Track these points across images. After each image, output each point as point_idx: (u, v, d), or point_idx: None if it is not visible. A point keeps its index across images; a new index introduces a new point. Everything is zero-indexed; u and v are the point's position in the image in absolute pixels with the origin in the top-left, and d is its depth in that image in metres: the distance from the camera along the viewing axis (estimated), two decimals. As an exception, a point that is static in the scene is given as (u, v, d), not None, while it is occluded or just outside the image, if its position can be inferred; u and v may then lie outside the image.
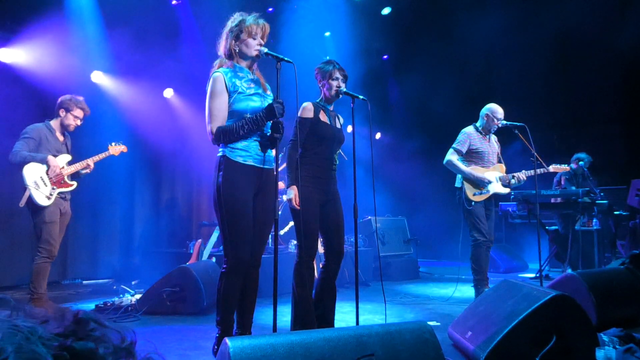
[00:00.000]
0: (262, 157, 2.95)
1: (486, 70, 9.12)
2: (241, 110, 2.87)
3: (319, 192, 3.46)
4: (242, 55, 3.00)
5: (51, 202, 4.38)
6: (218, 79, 2.88)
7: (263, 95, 3.01)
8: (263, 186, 2.96)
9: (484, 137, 5.21)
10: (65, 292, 5.88)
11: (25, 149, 4.38)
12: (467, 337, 3.13)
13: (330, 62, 3.60)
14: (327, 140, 3.50)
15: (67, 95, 4.64)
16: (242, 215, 2.82)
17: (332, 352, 1.94)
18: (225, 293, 2.87)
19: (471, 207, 5.03)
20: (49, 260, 4.41)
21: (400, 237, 7.41)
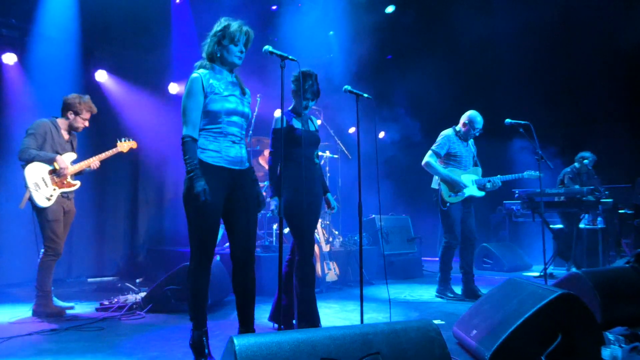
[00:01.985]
0: (233, 159, 2.97)
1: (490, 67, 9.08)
2: (216, 111, 2.91)
3: (305, 193, 3.60)
4: (223, 60, 3.03)
5: (51, 203, 4.37)
6: (195, 80, 2.91)
7: (239, 98, 3.03)
8: (238, 186, 2.98)
9: (463, 141, 5.34)
10: (70, 289, 5.90)
11: (33, 145, 4.36)
12: (472, 336, 3.12)
13: (310, 77, 3.71)
14: (304, 144, 3.65)
15: (74, 95, 4.61)
16: (208, 215, 2.84)
17: (337, 350, 1.94)
18: (194, 290, 2.93)
19: (446, 209, 5.22)
20: (54, 258, 4.42)
21: (404, 236, 7.40)
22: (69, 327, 3.91)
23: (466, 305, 4.84)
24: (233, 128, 2.96)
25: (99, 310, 4.58)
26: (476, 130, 5.28)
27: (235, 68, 3.09)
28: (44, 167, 4.40)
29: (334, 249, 6.21)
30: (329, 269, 5.77)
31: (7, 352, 3.23)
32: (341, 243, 6.61)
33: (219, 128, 2.92)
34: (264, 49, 3.14)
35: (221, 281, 4.90)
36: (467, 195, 5.26)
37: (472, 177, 5.33)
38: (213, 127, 2.92)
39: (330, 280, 5.76)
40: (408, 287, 6.16)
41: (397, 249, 7.15)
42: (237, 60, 3.02)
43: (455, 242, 5.25)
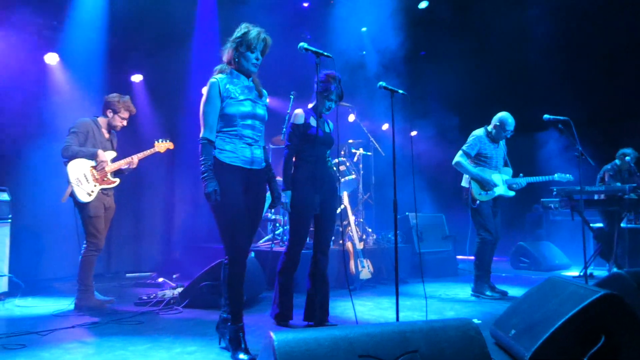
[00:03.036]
0: (249, 159, 3.12)
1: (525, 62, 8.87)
2: (231, 114, 3.07)
3: (318, 190, 3.74)
4: (240, 65, 3.17)
5: (92, 199, 4.50)
6: (212, 85, 3.09)
7: (255, 101, 3.19)
8: (250, 186, 3.14)
9: (493, 142, 5.36)
10: (110, 284, 6.06)
11: (75, 143, 4.51)
12: (510, 336, 3.07)
13: (334, 80, 3.80)
14: (318, 143, 3.76)
15: (115, 95, 4.75)
16: (236, 210, 3.01)
17: (375, 348, 1.93)
18: (231, 283, 3.07)
19: (476, 206, 5.24)
20: (95, 253, 4.55)
21: (438, 234, 7.32)
22: (110, 320, 4.02)
23: (503, 305, 4.77)
24: (248, 130, 3.13)
25: (138, 304, 4.69)
26: (507, 132, 5.29)
27: (251, 74, 3.21)
28: (86, 163, 4.53)
29: (368, 247, 6.20)
30: (363, 266, 5.76)
31: (52, 343, 3.34)
32: (375, 241, 6.59)
33: (235, 130, 3.09)
34: (299, 46, 3.18)
35: (255, 277, 4.96)
36: (497, 195, 5.28)
37: (503, 177, 5.37)
38: (229, 129, 3.09)
39: (364, 277, 5.75)
40: (443, 286, 6.10)
41: (431, 247, 7.08)
42: (252, 67, 3.17)
43: (491, 238, 5.23)
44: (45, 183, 5.68)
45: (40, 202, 5.86)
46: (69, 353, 3.12)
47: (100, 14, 6.34)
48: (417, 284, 6.16)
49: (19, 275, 4.97)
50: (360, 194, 6.71)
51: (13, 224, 5.10)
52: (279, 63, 7.27)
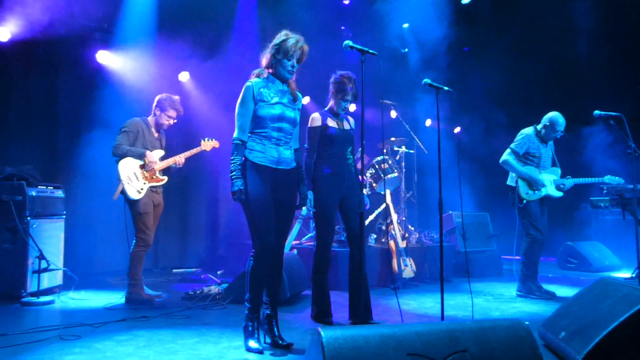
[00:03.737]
0: (275, 159, 3.25)
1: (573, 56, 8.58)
2: (262, 116, 3.22)
3: (338, 188, 3.89)
4: (276, 71, 3.31)
5: (142, 196, 4.63)
6: (247, 88, 3.25)
7: (286, 105, 3.32)
8: (279, 185, 3.27)
9: (542, 142, 5.27)
10: (157, 279, 6.23)
11: (125, 142, 4.65)
12: (560, 338, 3.00)
13: (349, 81, 3.91)
14: (337, 141, 3.92)
15: (164, 94, 4.88)
16: (262, 207, 3.15)
17: (424, 346, 1.93)
18: (253, 276, 3.21)
19: (523, 205, 5.16)
20: (144, 248, 4.68)
21: (482, 233, 7.19)
22: (159, 314, 4.14)
23: (550, 306, 4.66)
24: (278, 132, 3.27)
25: (185, 299, 4.81)
26: (557, 132, 5.18)
27: (286, 80, 3.35)
28: (135, 162, 4.66)
29: (410, 245, 6.15)
30: (406, 265, 5.72)
31: (104, 335, 3.47)
32: (417, 239, 6.53)
33: (265, 132, 3.24)
34: (344, 45, 3.21)
35: (299, 274, 5.01)
36: (545, 194, 5.18)
37: (551, 177, 5.26)
38: (260, 131, 3.24)
39: (407, 276, 5.72)
40: (487, 286, 5.99)
41: (475, 246, 6.97)
42: (288, 74, 3.30)
43: (541, 237, 5.12)
44: (97, 180, 5.88)
45: (92, 199, 6.08)
46: (121, 345, 3.23)
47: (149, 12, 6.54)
48: (460, 283, 6.08)
49: (73, 269, 5.15)
50: (403, 192, 6.66)
51: (67, 220, 5.31)
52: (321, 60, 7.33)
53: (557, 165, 5.36)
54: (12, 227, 4.64)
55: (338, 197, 3.90)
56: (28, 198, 4.74)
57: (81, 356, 2.98)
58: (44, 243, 4.79)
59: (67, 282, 5.13)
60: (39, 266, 4.61)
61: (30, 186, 4.84)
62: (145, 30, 6.50)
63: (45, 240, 4.87)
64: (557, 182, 5.23)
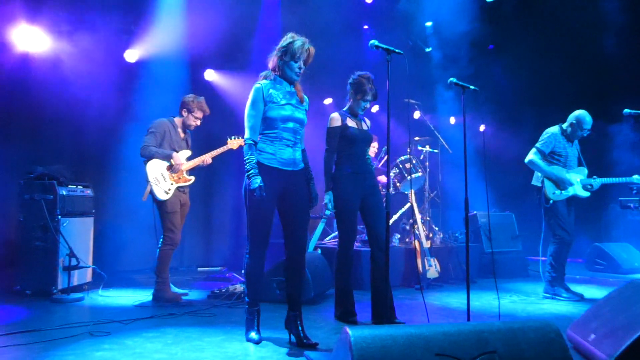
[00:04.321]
0: (287, 160, 3.31)
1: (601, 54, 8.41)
2: (273, 118, 3.28)
3: (359, 187, 3.90)
4: (283, 73, 3.36)
5: (169, 196, 4.69)
6: (257, 90, 3.30)
7: (295, 106, 3.37)
8: (290, 186, 3.34)
9: (568, 141, 5.19)
10: (183, 277, 6.32)
11: (153, 143, 4.72)
12: (590, 340, 2.95)
13: (368, 81, 3.92)
14: (357, 141, 3.93)
15: (190, 95, 4.94)
16: (262, 209, 3.24)
17: (451, 347, 1.92)
18: (248, 272, 3.36)
19: (549, 205, 5.07)
20: (172, 247, 4.75)
21: (507, 233, 7.11)
22: (186, 312, 4.21)
23: (578, 307, 4.59)
24: (287, 133, 3.32)
25: (211, 297, 4.87)
26: (584, 130, 5.09)
27: (293, 82, 3.40)
28: (162, 163, 4.73)
29: (435, 245, 6.12)
30: (430, 265, 5.70)
31: (133, 331, 3.54)
32: (442, 239, 6.50)
33: (275, 133, 3.30)
34: (370, 44, 3.21)
35: (323, 274, 5.02)
36: (572, 194, 5.10)
37: (578, 177, 5.17)
38: (270, 132, 3.30)
39: (431, 276, 5.69)
40: (513, 286, 5.93)
41: (500, 247, 6.89)
42: (295, 76, 3.35)
43: (569, 237, 5.05)
44: (125, 180, 6.00)
45: (120, 198, 6.21)
46: (149, 341, 3.29)
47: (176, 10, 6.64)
48: (485, 284, 6.03)
49: (101, 266, 5.26)
50: (427, 192, 6.63)
51: (96, 219, 5.42)
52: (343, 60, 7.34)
53: (583, 165, 5.26)
54: (43, 225, 4.74)
55: (359, 196, 3.91)
56: (59, 197, 4.84)
57: (111, 352, 3.05)
58: (74, 241, 4.88)
59: (96, 280, 5.24)
60: (69, 263, 4.71)
61: (61, 185, 4.94)
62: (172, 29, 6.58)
63: (75, 238, 4.96)
64: (584, 182, 5.14)
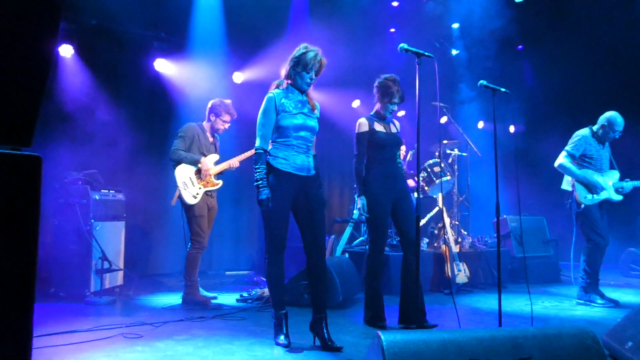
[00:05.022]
0: (299, 166, 3.37)
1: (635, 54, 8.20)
2: (285, 126, 3.35)
3: (390, 191, 3.91)
4: (295, 82, 3.43)
5: (198, 200, 4.76)
6: (269, 99, 3.38)
7: (307, 114, 3.44)
8: (304, 191, 3.40)
9: (599, 143, 5.11)
10: (212, 281, 6.38)
11: (182, 147, 4.80)
12: (627, 348, 2.88)
13: (394, 83, 3.91)
14: (386, 145, 3.94)
15: (217, 99, 5.01)
16: (277, 214, 3.29)
17: (485, 353, 1.91)
18: (269, 277, 3.43)
19: (581, 210, 4.98)
20: (200, 250, 4.82)
21: (538, 238, 7.00)
22: (215, 315, 4.26)
23: (613, 313, 4.50)
24: (299, 141, 3.39)
25: (240, 301, 4.93)
26: (616, 132, 4.98)
27: (304, 91, 3.47)
28: (190, 168, 4.81)
29: (464, 250, 6.07)
30: (459, 270, 5.64)
31: (164, 334, 3.60)
32: (470, 244, 6.43)
33: (288, 140, 3.37)
34: (399, 47, 3.21)
35: (351, 278, 5.02)
36: (604, 198, 4.99)
37: (610, 180, 5.05)
38: (283, 139, 3.37)
39: (460, 281, 5.64)
40: (545, 292, 5.83)
41: (531, 252, 6.77)
42: (306, 86, 3.42)
43: (604, 242, 4.93)
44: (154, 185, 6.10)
45: (149, 203, 6.31)
46: (180, 344, 3.34)
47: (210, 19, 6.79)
48: (516, 289, 5.93)
49: (132, 269, 5.36)
50: (456, 196, 6.58)
51: (127, 223, 5.51)
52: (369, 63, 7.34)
53: (614, 168, 5.14)
54: (77, 229, 4.85)
55: (390, 200, 3.91)
56: (92, 201, 4.96)
57: (143, 354, 3.10)
58: (106, 244, 4.97)
59: (127, 282, 5.34)
60: (101, 266, 4.81)
61: (94, 190, 5.06)
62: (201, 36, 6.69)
63: (107, 241, 5.05)
64: (616, 185, 5.02)
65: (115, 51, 6.17)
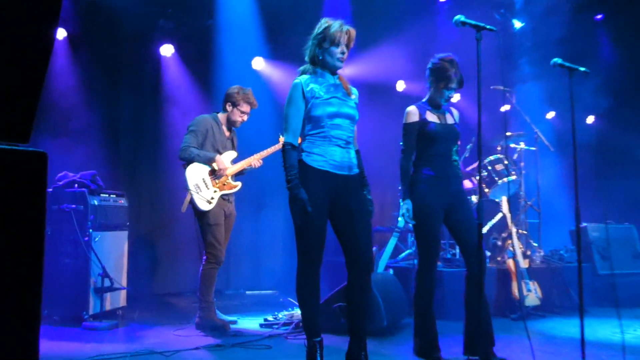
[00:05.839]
0: (339, 163, 3.34)
1: None
2: (318, 116, 3.32)
3: (443, 194, 3.84)
4: (325, 63, 3.41)
5: (212, 206, 4.77)
6: (295, 86, 3.38)
7: (342, 99, 3.41)
8: (344, 194, 3.36)
9: None
10: (230, 302, 6.39)
11: (194, 143, 4.80)
12: None
13: (452, 65, 3.83)
14: (439, 139, 3.87)
15: (235, 86, 4.99)
16: (312, 221, 3.22)
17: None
18: (301, 297, 3.37)
19: None
20: (216, 265, 4.83)
21: (628, 251, 6.82)
22: (235, 343, 4.26)
23: None
24: (337, 131, 3.35)
25: (264, 326, 4.94)
26: None
27: (337, 70, 3.46)
28: (204, 167, 4.82)
29: (534, 265, 5.97)
30: (529, 290, 5.54)
31: (177, 365, 3.63)
32: (542, 258, 6.31)
33: (323, 132, 3.34)
34: (454, 20, 3.19)
35: (397, 299, 4.99)
36: None
37: None
38: (317, 131, 3.35)
39: (530, 304, 5.54)
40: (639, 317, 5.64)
41: (620, 268, 6.60)
42: (338, 62, 3.39)
43: None
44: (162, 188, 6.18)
45: (156, 209, 6.40)
46: (195, 377, 3.36)
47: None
48: (600, 313, 5.78)
49: (137, 288, 5.43)
50: (523, 200, 6.46)
51: (130, 233, 5.56)
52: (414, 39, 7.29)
53: None
54: (73, 240, 4.88)
55: (443, 205, 3.86)
56: (90, 207, 4.97)
57: (153, 389, 3.14)
58: (107, 258, 4.99)
59: (131, 303, 5.38)
60: (101, 285, 4.83)
61: (92, 194, 5.08)
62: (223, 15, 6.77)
63: (108, 255, 5.09)
64: None
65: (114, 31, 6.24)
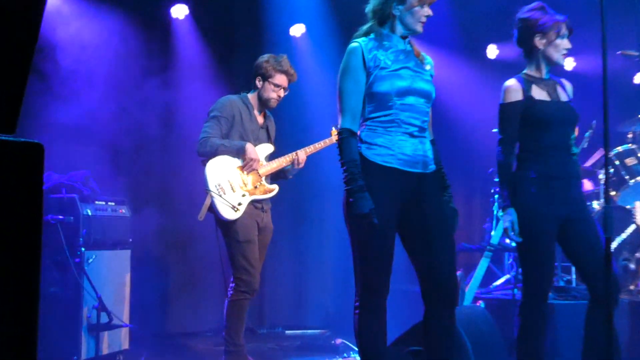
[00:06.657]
0: (410, 158, 3.18)
1: None
2: (384, 92, 3.16)
3: (558, 200, 3.66)
4: (402, 24, 3.26)
5: (239, 215, 4.56)
6: (353, 52, 3.22)
7: (415, 70, 3.26)
8: (419, 197, 3.23)
9: None
10: (265, 345, 6.20)
11: (217, 133, 4.61)
12: None
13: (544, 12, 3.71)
14: (553, 124, 3.70)
15: (265, 55, 4.82)
16: (376, 237, 3.11)
17: None
18: (361, 336, 3.23)
19: None
20: (248, 295, 4.61)
21: None
22: (273, 400, 4.15)
23: None
24: (409, 114, 3.20)
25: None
26: None
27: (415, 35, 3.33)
28: (231, 163, 4.63)
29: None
30: (674, 329, 5.13)
31: None
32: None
33: (390, 115, 3.18)
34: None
35: (490, 340, 4.74)
36: None
37: None
38: (381, 114, 3.20)
39: (676, 348, 5.11)
40: None
41: None
42: (419, 27, 3.25)
43: None
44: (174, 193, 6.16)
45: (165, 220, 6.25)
46: None
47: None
48: None
49: (142, 325, 5.38)
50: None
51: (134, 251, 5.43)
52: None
53: None
54: (60, 262, 4.78)
55: (558, 216, 3.68)
56: (82, 218, 4.88)
57: None
58: (104, 285, 4.92)
59: (135, 345, 5.29)
60: (97, 320, 4.74)
61: (85, 201, 5.00)
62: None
63: (106, 281, 5.01)
64: None
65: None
